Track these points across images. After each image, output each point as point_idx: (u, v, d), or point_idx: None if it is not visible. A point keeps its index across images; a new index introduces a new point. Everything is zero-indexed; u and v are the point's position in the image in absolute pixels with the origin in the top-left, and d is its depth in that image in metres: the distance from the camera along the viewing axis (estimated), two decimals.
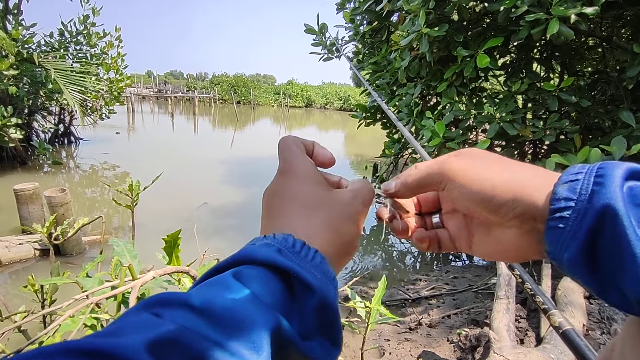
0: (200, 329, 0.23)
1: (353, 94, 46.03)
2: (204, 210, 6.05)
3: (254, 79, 65.14)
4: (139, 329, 0.21)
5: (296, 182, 0.36)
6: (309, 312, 0.28)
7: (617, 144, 2.09)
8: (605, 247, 0.26)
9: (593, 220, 0.27)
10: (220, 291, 0.26)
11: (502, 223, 0.33)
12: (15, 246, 4.04)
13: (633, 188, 0.27)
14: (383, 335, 2.77)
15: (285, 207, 0.34)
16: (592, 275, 0.28)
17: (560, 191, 0.29)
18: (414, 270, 4.41)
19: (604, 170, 0.28)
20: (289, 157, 0.37)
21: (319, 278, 0.29)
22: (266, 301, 0.26)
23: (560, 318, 0.62)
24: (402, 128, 1.63)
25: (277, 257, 0.28)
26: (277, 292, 0.27)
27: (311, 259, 0.30)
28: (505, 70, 3.58)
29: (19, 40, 7.37)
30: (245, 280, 0.27)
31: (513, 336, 2.14)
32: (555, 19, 2.26)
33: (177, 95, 42.07)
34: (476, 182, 0.33)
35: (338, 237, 0.34)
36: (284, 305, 0.27)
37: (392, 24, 4.10)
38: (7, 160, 8.25)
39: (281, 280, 0.28)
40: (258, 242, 0.30)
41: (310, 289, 0.28)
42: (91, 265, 1.69)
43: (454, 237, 0.39)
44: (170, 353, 0.20)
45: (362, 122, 4.88)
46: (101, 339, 0.20)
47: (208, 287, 0.27)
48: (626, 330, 0.30)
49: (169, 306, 0.24)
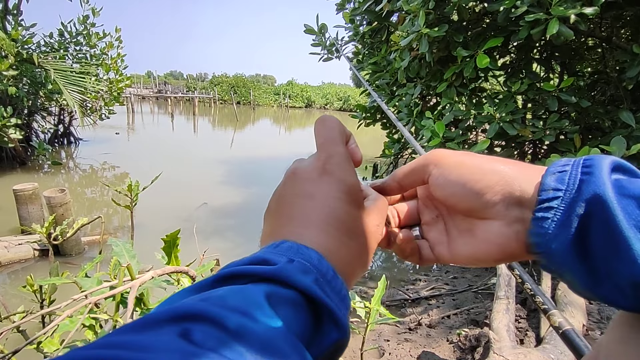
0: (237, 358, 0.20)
1: (353, 95, 46.07)
2: (203, 211, 6.05)
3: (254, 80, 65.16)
4: (173, 352, 0.18)
5: (335, 187, 0.32)
6: (327, 344, 0.26)
7: (617, 144, 2.09)
8: (595, 234, 0.26)
9: (582, 208, 0.27)
10: (253, 312, 0.23)
11: (485, 213, 0.32)
12: (14, 246, 4.04)
13: (619, 180, 0.27)
14: (383, 335, 2.77)
15: (318, 214, 0.31)
16: (582, 265, 0.27)
17: (548, 182, 0.29)
18: (413, 271, 4.40)
19: (592, 161, 0.28)
20: (333, 149, 0.34)
21: (345, 314, 0.27)
22: (296, 331, 0.24)
23: (560, 318, 0.62)
24: (401, 128, 1.63)
25: (317, 292, 0.26)
26: (307, 323, 0.26)
27: (339, 291, 0.28)
28: (505, 71, 3.58)
29: (19, 41, 7.38)
30: (279, 304, 0.24)
31: (513, 336, 2.14)
32: (555, 19, 2.26)
33: (177, 95, 42.08)
34: (463, 166, 0.33)
35: (362, 267, 0.32)
36: (309, 336, 0.26)
37: (391, 24, 4.10)
38: (6, 161, 8.25)
39: (311, 310, 0.26)
40: (296, 259, 0.27)
41: (337, 326, 0.26)
42: (90, 265, 1.69)
43: (434, 244, 0.38)
44: None
45: (361, 123, 4.87)
46: (131, 353, 0.17)
47: (239, 301, 0.23)
48: (611, 334, 0.29)
49: (201, 322, 0.21)
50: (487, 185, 0.31)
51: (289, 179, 0.34)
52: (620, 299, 0.26)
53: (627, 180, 0.27)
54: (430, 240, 0.38)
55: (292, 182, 0.33)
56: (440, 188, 0.34)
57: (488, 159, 0.33)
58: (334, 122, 0.36)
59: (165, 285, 1.36)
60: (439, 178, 0.34)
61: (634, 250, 0.24)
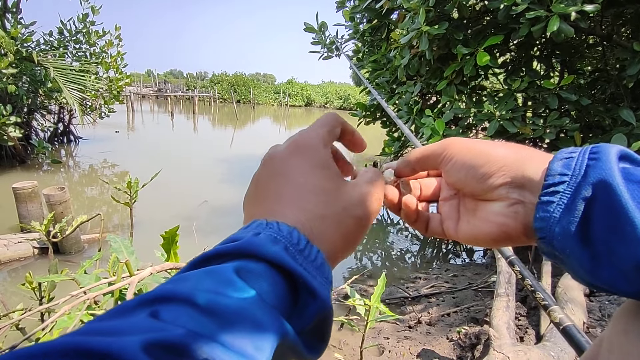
0: (209, 332, 0.20)
1: (353, 93, 46.02)
2: (203, 209, 6.05)
3: (254, 78, 65.05)
4: (142, 330, 0.19)
5: (305, 164, 0.33)
6: (307, 315, 0.26)
7: (617, 141, 2.09)
8: (600, 218, 0.26)
9: (588, 191, 0.27)
10: (224, 289, 0.23)
11: (488, 196, 0.33)
12: (14, 244, 4.04)
13: (626, 167, 0.27)
14: (382, 333, 2.77)
15: (289, 190, 0.32)
16: (585, 250, 0.27)
17: (555, 167, 0.29)
18: (413, 269, 4.40)
19: (599, 148, 0.28)
20: (306, 133, 0.35)
21: (321, 283, 0.27)
22: (272, 304, 0.24)
23: (561, 314, 0.62)
24: (401, 125, 1.62)
25: (285, 258, 0.26)
26: (282, 294, 0.26)
27: (313, 260, 0.28)
28: (505, 69, 3.57)
29: (18, 39, 7.36)
30: (250, 278, 0.25)
31: (513, 334, 2.14)
32: (556, 17, 2.26)
33: (177, 94, 42.01)
34: (469, 152, 0.34)
35: (344, 239, 0.31)
36: (287, 307, 0.26)
37: (391, 22, 4.09)
38: (6, 159, 8.24)
39: (286, 281, 0.26)
40: (263, 232, 0.27)
41: (314, 296, 0.26)
42: (89, 262, 1.69)
43: (444, 218, 0.39)
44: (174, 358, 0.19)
45: (361, 121, 4.87)
46: (101, 337, 0.18)
47: (208, 281, 0.24)
48: (613, 325, 0.29)
49: (170, 302, 0.21)
50: (490, 169, 0.32)
51: (264, 164, 0.35)
52: (622, 283, 0.26)
53: (634, 168, 0.27)
54: (442, 214, 0.40)
55: (266, 165, 0.34)
56: (449, 174, 0.36)
57: (497, 144, 0.34)
58: (325, 116, 0.37)
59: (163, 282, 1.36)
60: (448, 165, 0.36)
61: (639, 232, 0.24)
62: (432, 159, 0.37)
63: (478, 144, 0.35)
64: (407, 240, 5.45)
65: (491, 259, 4.30)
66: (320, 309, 0.26)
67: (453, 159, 0.35)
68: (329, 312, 0.27)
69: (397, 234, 5.72)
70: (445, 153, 0.36)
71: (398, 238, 5.57)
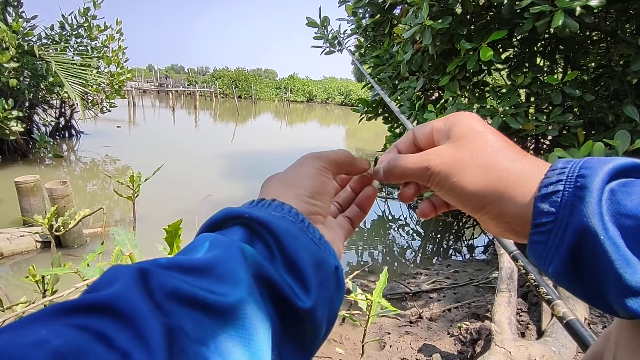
0: (167, 272, 0.23)
1: (355, 89, 45.92)
2: (204, 203, 6.05)
3: (256, 74, 64.87)
4: (119, 278, 0.21)
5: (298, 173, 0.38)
6: (267, 243, 0.29)
7: (621, 138, 2.08)
8: (587, 262, 0.27)
9: (573, 237, 0.27)
10: (185, 251, 0.28)
11: (482, 219, 0.35)
12: (16, 238, 4.05)
13: (615, 192, 0.26)
14: (384, 328, 2.78)
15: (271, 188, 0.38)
16: (578, 286, 0.28)
17: (541, 206, 0.29)
18: (414, 264, 4.41)
19: (585, 181, 0.27)
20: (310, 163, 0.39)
21: (276, 215, 0.30)
22: (227, 240, 0.28)
23: (564, 308, 0.62)
24: (404, 121, 1.62)
25: (228, 210, 0.31)
26: (239, 233, 0.29)
27: (267, 206, 0.32)
28: (509, 64, 3.55)
29: (20, 33, 7.34)
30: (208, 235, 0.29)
31: (514, 329, 2.14)
32: (560, 11, 2.24)
33: (178, 89, 41.98)
34: (457, 189, 0.34)
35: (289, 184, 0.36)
36: (251, 242, 0.29)
37: (394, 17, 4.06)
38: (8, 153, 8.25)
39: (242, 226, 0.30)
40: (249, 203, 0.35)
41: (262, 224, 0.29)
42: (92, 256, 1.69)
43: None
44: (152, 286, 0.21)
45: (363, 117, 4.86)
46: (87, 294, 0.20)
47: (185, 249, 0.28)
48: (620, 320, 0.30)
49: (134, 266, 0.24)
50: (477, 206, 0.33)
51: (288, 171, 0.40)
52: (617, 315, 0.27)
53: (625, 192, 0.26)
54: None
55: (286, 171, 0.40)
56: (439, 195, 0.37)
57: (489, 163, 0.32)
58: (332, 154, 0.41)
59: None
60: (436, 189, 0.36)
61: (623, 288, 0.24)
62: (417, 179, 0.37)
63: (461, 172, 0.33)
64: (409, 236, 5.46)
65: (492, 255, 4.30)
66: (280, 237, 0.29)
67: (440, 190, 0.35)
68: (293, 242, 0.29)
69: (398, 229, 5.72)
70: (431, 181, 0.35)
71: (399, 234, 5.57)
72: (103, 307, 0.19)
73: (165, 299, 0.21)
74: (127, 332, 0.18)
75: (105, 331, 0.18)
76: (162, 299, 0.21)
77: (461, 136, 0.34)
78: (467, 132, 0.34)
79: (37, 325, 0.17)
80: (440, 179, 0.34)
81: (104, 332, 0.18)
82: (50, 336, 0.16)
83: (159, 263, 0.24)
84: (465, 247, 5.00)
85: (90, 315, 0.19)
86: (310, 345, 0.29)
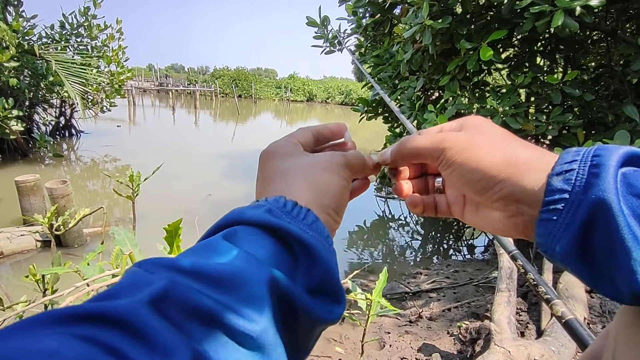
0: (191, 283, 0.23)
1: (355, 89, 45.89)
2: (204, 203, 6.06)
3: (256, 73, 64.87)
4: (133, 290, 0.21)
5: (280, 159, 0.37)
6: (305, 268, 0.28)
7: (620, 138, 2.08)
8: (598, 240, 0.26)
9: (586, 214, 0.27)
10: (209, 252, 0.26)
11: (486, 206, 0.35)
12: (17, 237, 4.05)
13: (627, 175, 0.26)
14: (383, 327, 2.78)
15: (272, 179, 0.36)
16: (584, 267, 0.28)
17: (554, 183, 0.29)
18: (414, 264, 4.41)
19: (600, 159, 0.27)
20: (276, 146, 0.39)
21: (311, 235, 0.29)
22: (259, 257, 0.26)
23: (563, 308, 0.62)
24: (404, 120, 1.62)
25: (266, 216, 0.29)
26: (270, 248, 0.28)
27: (303, 218, 0.30)
28: (509, 64, 3.55)
29: (20, 32, 7.33)
30: (236, 240, 0.27)
31: (514, 329, 2.15)
32: (560, 11, 2.24)
33: (178, 88, 41.99)
34: (469, 160, 0.33)
35: (318, 191, 0.34)
36: (281, 260, 0.28)
37: (394, 17, 4.06)
38: (8, 153, 8.25)
39: (273, 237, 0.28)
40: (252, 204, 0.31)
41: (306, 248, 0.28)
42: (92, 255, 1.69)
43: (451, 202, 0.41)
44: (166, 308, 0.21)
45: (363, 116, 4.85)
46: (96, 303, 0.20)
47: (196, 251, 0.27)
48: (619, 318, 0.30)
49: (158, 267, 0.24)
50: (487, 184, 0.33)
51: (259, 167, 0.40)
52: (621, 299, 0.27)
53: (637, 175, 0.26)
54: (448, 198, 0.41)
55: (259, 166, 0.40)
56: (447, 180, 0.37)
57: (495, 147, 0.33)
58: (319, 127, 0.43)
59: None
60: (445, 172, 0.36)
61: (633, 262, 0.24)
62: (428, 158, 0.37)
63: (475, 148, 0.34)
64: (408, 236, 5.46)
65: (492, 255, 4.31)
66: (318, 261, 0.28)
67: (450, 167, 0.35)
68: (327, 264, 0.29)
69: (398, 229, 5.73)
70: (443, 157, 0.35)
71: (399, 234, 5.57)
72: (114, 320, 0.19)
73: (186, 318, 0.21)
74: (143, 348, 0.18)
75: (115, 345, 0.18)
76: (183, 316, 0.21)
77: (475, 126, 0.36)
78: (480, 124, 0.36)
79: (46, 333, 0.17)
80: (453, 153, 0.34)
81: (114, 346, 0.18)
82: (62, 347, 0.16)
83: (181, 267, 0.24)
84: (465, 247, 5.00)
85: (99, 326, 0.18)
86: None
